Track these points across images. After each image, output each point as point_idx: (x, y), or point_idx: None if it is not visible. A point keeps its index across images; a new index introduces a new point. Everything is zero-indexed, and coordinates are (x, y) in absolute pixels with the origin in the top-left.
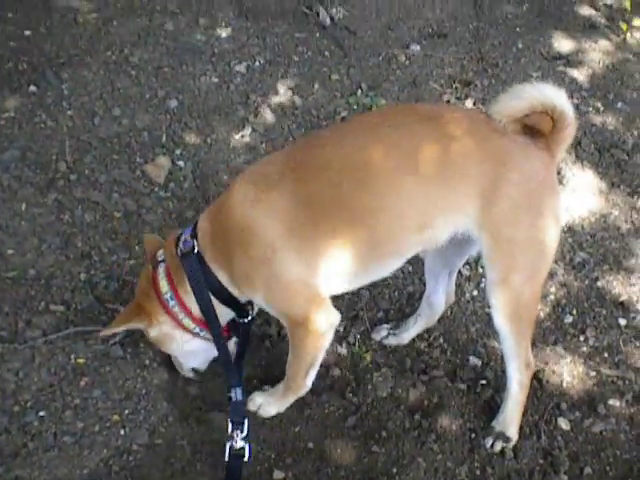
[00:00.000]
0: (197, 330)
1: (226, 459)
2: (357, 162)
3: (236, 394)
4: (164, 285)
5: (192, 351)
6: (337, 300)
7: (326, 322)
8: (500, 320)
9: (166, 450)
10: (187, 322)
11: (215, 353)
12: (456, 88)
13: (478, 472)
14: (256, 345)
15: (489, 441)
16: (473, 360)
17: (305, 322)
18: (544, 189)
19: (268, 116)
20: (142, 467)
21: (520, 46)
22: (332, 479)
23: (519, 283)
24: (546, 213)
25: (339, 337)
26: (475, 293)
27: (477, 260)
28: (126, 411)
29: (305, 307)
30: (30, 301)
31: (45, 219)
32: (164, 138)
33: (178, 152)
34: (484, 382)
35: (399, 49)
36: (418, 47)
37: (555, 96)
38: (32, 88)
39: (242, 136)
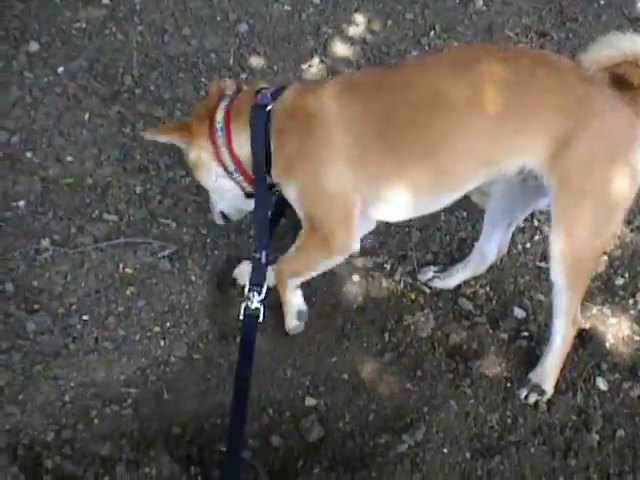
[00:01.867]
0: (232, 169)
1: (241, 318)
2: (436, 90)
3: (261, 255)
4: (219, 115)
5: (222, 189)
6: (386, 237)
7: (345, 246)
8: (557, 271)
9: (203, 366)
10: (226, 157)
11: (247, 208)
12: (531, 38)
13: (509, 421)
14: None
15: (524, 392)
16: (517, 311)
17: (326, 235)
18: (625, 144)
19: (337, 49)
20: (178, 379)
21: (602, 2)
22: (363, 411)
23: (583, 236)
24: (623, 169)
25: (386, 273)
26: (528, 245)
27: (533, 214)
28: (167, 324)
29: (335, 220)
30: (85, 208)
31: (106, 130)
32: (231, 61)
33: (244, 76)
34: (526, 334)
35: None
36: None
37: None
38: (105, 0)
39: (309, 66)
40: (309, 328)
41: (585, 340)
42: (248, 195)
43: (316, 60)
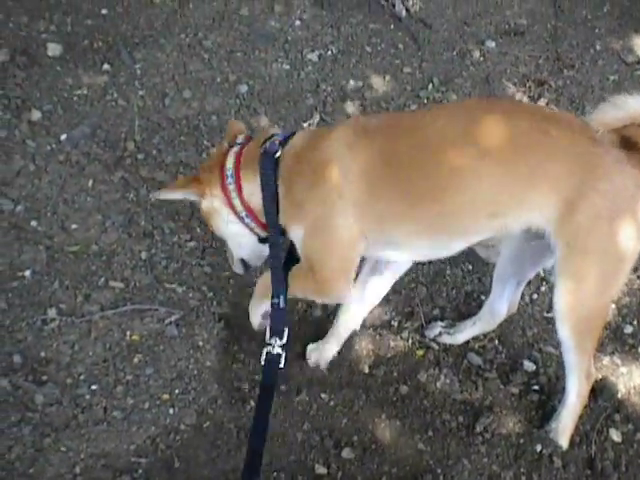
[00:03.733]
0: (243, 215)
1: (262, 364)
2: (446, 136)
3: (279, 301)
4: (229, 162)
5: (236, 234)
6: (392, 293)
7: (339, 294)
8: (564, 330)
9: (213, 432)
10: (237, 203)
11: (264, 253)
12: (530, 87)
13: (524, 478)
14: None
15: (538, 447)
16: (527, 364)
17: (323, 280)
18: (631, 206)
19: (337, 106)
20: (188, 447)
21: (598, 48)
22: (376, 473)
23: (588, 295)
24: (629, 231)
25: (393, 330)
26: (535, 297)
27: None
28: (176, 391)
29: (334, 268)
30: (90, 276)
31: (110, 196)
32: None
33: None
34: (536, 388)
35: (474, 45)
36: (493, 44)
37: None
38: (106, 66)
39: (310, 125)
40: (318, 390)
41: (597, 391)
42: (261, 240)
43: (316, 118)
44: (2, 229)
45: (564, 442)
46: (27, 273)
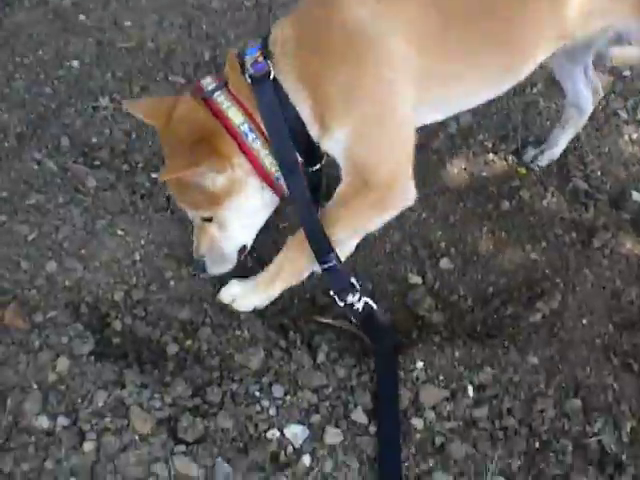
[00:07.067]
0: (278, 175)
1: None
2: None
3: (330, 259)
4: (236, 114)
5: (264, 206)
6: (484, 118)
7: (408, 192)
8: None
9: None
10: (269, 162)
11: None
12: None
13: None
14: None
15: None
16: (636, 195)
17: (384, 190)
18: None
19: None
20: None
21: None
22: (479, 284)
23: None
24: None
25: (488, 150)
26: (635, 136)
27: (636, 105)
28: None
29: (396, 167)
30: (148, 70)
31: None
32: None
33: None
34: None
35: None
36: None
37: None
38: None
39: None
40: None
41: None
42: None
43: None
44: (47, 20)
45: None
46: (75, 63)
